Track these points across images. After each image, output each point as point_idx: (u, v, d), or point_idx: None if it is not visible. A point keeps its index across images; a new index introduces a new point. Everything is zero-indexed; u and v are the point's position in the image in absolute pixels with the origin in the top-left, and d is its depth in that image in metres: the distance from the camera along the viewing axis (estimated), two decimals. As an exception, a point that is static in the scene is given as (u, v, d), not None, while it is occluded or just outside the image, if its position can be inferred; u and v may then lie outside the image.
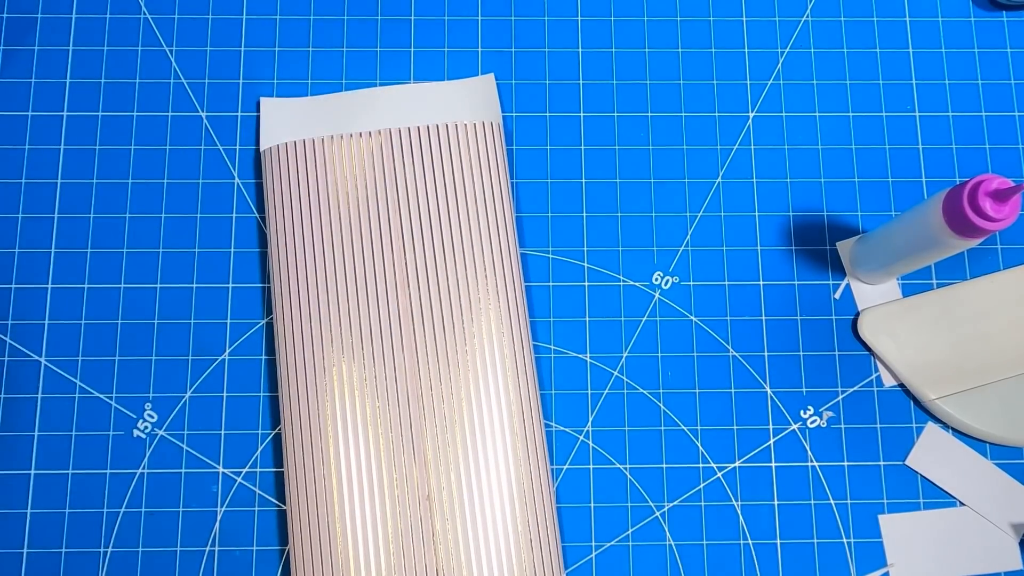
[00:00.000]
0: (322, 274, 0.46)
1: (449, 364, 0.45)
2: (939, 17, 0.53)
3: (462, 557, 0.43)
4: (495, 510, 0.43)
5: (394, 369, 0.45)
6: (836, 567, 0.45)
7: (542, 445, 0.45)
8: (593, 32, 0.52)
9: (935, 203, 0.39)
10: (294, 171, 0.47)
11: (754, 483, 0.46)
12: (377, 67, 0.51)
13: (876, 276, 0.47)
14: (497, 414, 0.44)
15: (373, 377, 0.45)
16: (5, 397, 0.46)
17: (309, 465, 0.44)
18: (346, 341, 0.45)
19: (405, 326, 0.45)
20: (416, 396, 0.44)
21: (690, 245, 0.49)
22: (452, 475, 0.44)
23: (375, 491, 0.43)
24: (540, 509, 0.44)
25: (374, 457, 0.44)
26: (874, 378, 0.48)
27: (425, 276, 0.46)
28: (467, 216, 0.46)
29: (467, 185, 0.47)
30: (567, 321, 0.48)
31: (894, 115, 0.51)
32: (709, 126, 0.51)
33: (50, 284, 0.48)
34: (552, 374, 0.47)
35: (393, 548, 0.43)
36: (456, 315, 0.45)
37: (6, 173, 0.49)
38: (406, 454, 0.44)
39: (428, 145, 0.48)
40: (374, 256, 0.46)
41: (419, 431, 0.44)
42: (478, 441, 0.44)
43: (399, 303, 0.45)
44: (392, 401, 0.44)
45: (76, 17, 0.51)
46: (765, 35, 0.52)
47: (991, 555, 0.46)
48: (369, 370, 0.45)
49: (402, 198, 0.47)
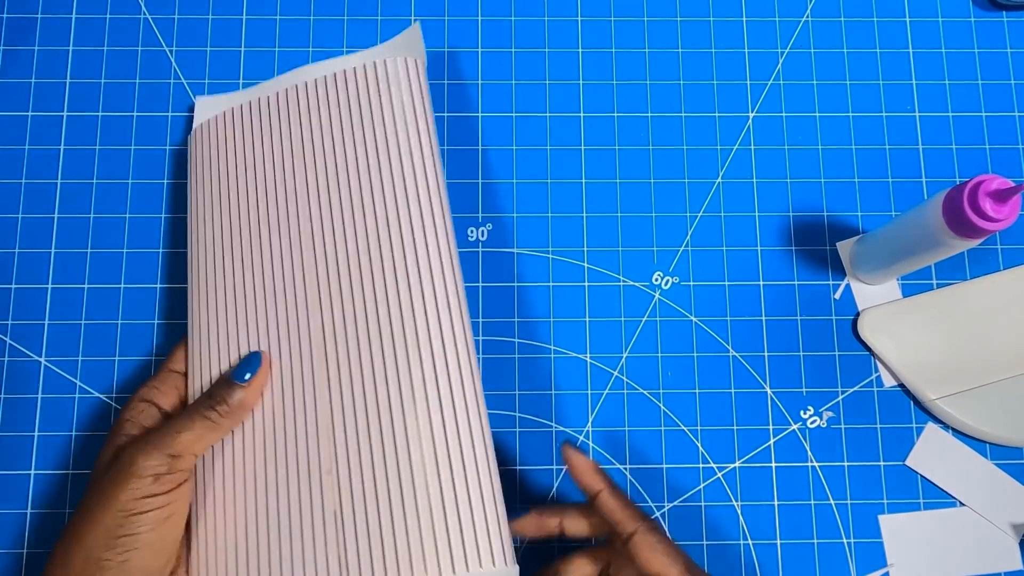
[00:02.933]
0: (237, 236, 0.43)
1: (368, 319, 0.40)
2: (939, 17, 0.53)
3: (371, 543, 0.36)
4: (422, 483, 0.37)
5: (309, 337, 0.40)
6: (836, 567, 0.45)
7: (483, 413, 0.38)
8: (593, 32, 0.52)
9: (935, 203, 0.39)
10: (215, 144, 0.46)
11: (754, 483, 0.46)
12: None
13: (876, 276, 0.47)
14: (430, 376, 0.38)
15: (288, 346, 0.41)
16: (5, 397, 0.46)
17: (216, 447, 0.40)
18: (259, 311, 0.41)
19: (321, 281, 0.41)
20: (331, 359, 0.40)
21: (690, 245, 0.49)
22: (361, 450, 0.38)
23: (275, 461, 0.39)
24: (482, 485, 0.37)
25: (279, 428, 0.39)
26: (874, 378, 0.48)
27: (342, 227, 0.41)
28: (388, 158, 0.42)
29: (387, 125, 0.43)
30: (567, 321, 0.48)
31: (894, 115, 0.51)
32: (709, 126, 0.51)
33: (50, 284, 0.48)
34: (552, 374, 0.47)
35: (290, 531, 0.38)
36: (379, 265, 0.40)
37: (6, 173, 0.49)
38: (315, 426, 0.39)
39: (345, 92, 0.44)
40: (288, 211, 0.43)
41: (334, 399, 0.39)
42: (405, 408, 0.38)
43: (312, 253, 0.42)
44: (305, 363, 0.40)
45: (76, 17, 0.51)
46: (765, 35, 0.52)
47: (991, 555, 0.46)
48: (284, 340, 0.41)
49: (318, 150, 0.43)
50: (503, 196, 0.50)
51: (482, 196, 0.50)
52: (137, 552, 0.35)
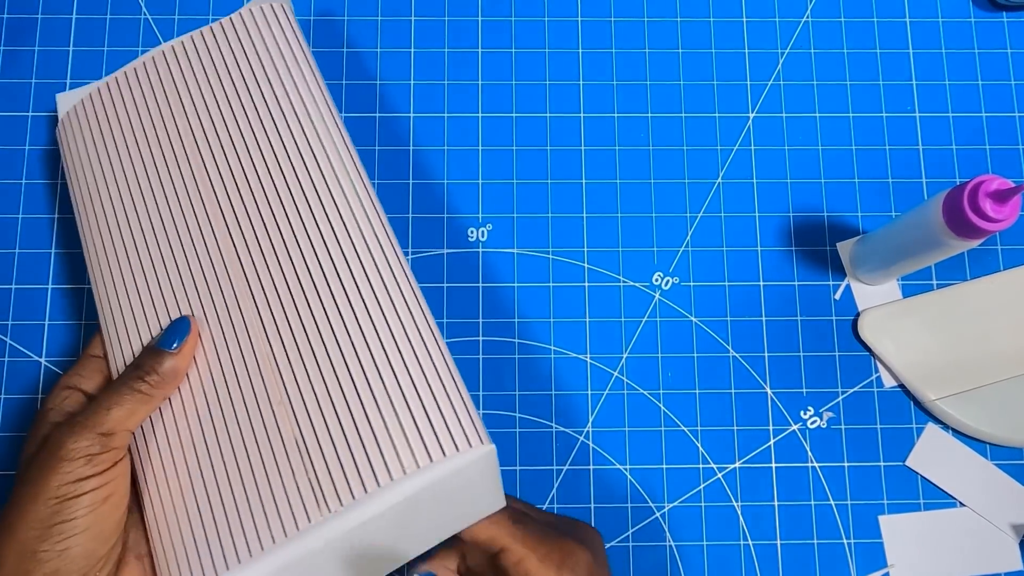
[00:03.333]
0: (131, 210, 0.41)
1: (291, 257, 0.38)
2: (939, 17, 0.53)
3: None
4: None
5: (230, 282, 0.39)
6: (836, 567, 0.45)
7: (420, 301, 0.37)
8: (593, 32, 0.52)
9: (935, 204, 0.39)
10: (87, 127, 0.44)
11: (754, 483, 0.46)
12: (378, 66, 0.51)
13: (876, 276, 0.47)
14: (360, 277, 0.37)
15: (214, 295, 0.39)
16: (5, 397, 0.46)
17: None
18: (170, 273, 0.40)
19: (231, 226, 0.39)
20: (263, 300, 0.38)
21: (690, 245, 0.49)
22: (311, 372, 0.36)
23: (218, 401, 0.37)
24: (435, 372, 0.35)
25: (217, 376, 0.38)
26: (874, 379, 0.48)
27: (240, 170, 0.40)
28: (271, 93, 0.41)
29: (265, 67, 0.42)
30: (567, 322, 0.48)
31: (894, 115, 0.51)
32: (709, 126, 0.51)
33: (50, 284, 0.48)
34: (552, 374, 0.47)
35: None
36: (285, 189, 0.39)
37: (6, 173, 0.49)
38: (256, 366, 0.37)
39: (216, 46, 0.43)
40: (180, 169, 0.41)
41: (270, 337, 0.37)
42: (343, 314, 0.36)
43: (214, 201, 0.40)
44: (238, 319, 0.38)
45: (76, 17, 0.51)
46: (765, 35, 0.52)
47: (991, 555, 0.46)
48: (205, 295, 0.39)
49: (198, 104, 0.42)
50: (503, 196, 0.50)
51: (482, 196, 0.50)
52: (76, 539, 0.33)
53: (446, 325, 0.48)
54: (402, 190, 0.50)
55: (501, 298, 0.48)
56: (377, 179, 0.50)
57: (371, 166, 0.50)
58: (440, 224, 0.49)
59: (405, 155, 0.50)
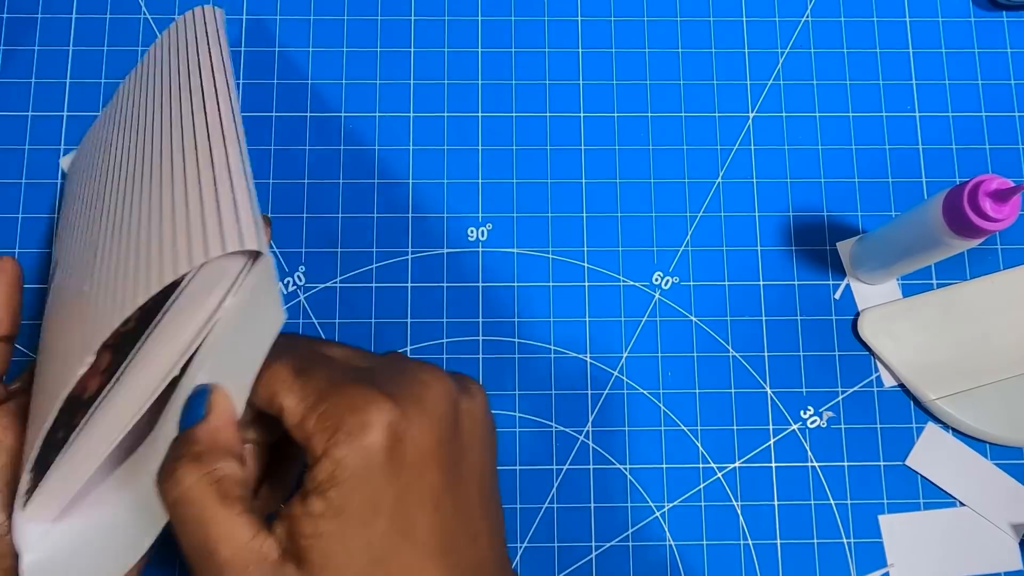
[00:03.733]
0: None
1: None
2: (939, 17, 0.53)
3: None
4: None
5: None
6: (836, 567, 0.45)
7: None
8: (593, 32, 0.52)
9: (935, 203, 0.39)
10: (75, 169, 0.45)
11: (754, 483, 0.46)
12: (377, 66, 0.51)
13: (876, 276, 0.47)
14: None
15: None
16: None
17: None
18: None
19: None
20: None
21: (690, 245, 0.49)
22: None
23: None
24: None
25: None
26: (874, 378, 0.48)
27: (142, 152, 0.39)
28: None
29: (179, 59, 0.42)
30: (567, 321, 0.48)
31: (894, 115, 0.51)
32: (709, 126, 0.51)
33: (50, 284, 0.48)
34: (552, 374, 0.47)
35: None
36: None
37: (6, 173, 0.49)
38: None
39: (155, 54, 0.45)
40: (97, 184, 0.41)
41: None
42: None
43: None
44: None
45: (76, 17, 0.51)
46: (765, 35, 0.52)
47: (991, 555, 0.46)
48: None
49: (140, 118, 0.41)
50: (503, 196, 0.50)
51: (482, 196, 0.50)
52: None
53: (446, 325, 0.48)
54: (402, 190, 0.50)
55: (501, 298, 0.48)
56: (377, 179, 0.50)
57: (371, 166, 0.50)
58: (440, 224, 0.49)
59: (405, 155, 0.50)
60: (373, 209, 0.49)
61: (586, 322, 0.48)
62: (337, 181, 0.50)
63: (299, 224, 0.49)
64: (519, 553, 0.45)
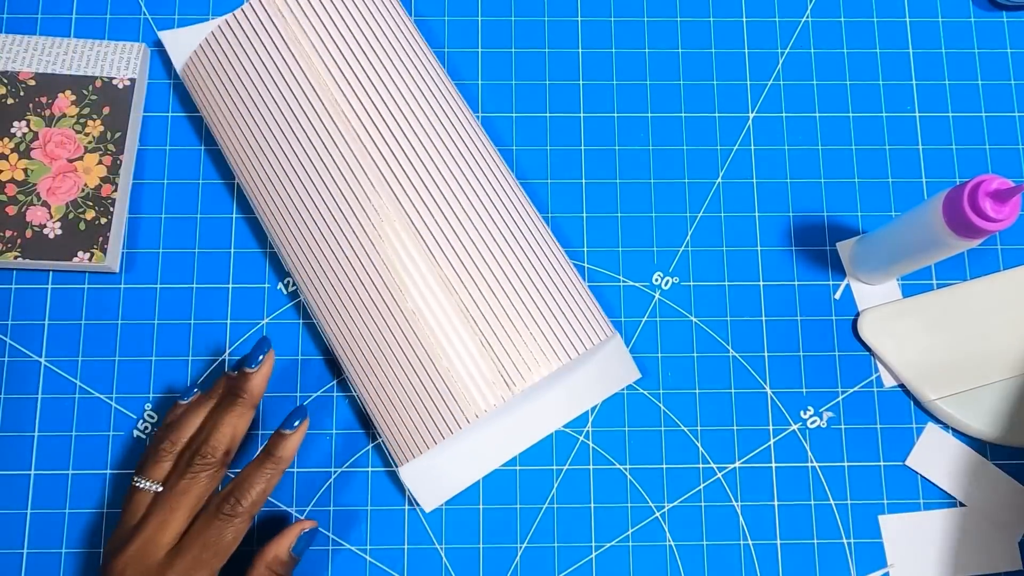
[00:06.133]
0: (288, 148, 0.45)
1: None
2: (939, 17, 0.53)
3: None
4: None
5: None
6: (836, 567, 0.45)
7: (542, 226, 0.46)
8: (593, 32, 0.52)
9: (935, 203, 0.39)
10: (216, 66, 0.46)
11: (754, 483, 0.46)
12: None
13: (876, 276, 0.47)
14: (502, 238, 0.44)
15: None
16: (5, 397, 0.46)
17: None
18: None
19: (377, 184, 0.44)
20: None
21: (690, 245, 0.49)
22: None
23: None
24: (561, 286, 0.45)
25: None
26: (874, 378, 0.48)
27: (371, 123, 0.44)
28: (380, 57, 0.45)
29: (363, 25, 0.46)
30: (567, 321, 0.48)
31: (894, 115, 0.51)
32: (709, 126, 0.51)
33: (50, 284, 0.48)
34: (552, 374, 0.47)
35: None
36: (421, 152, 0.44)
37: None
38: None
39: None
40: (321, 118, 0.44)
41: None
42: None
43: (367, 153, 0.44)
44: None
45: (76, 17, 0.51)
46: (765, 35, 0.52)
47: (991, 555, 0.46)
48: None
49: (322, 51, 0.45)
50: (503, 196, 0.50)
51: (482, 196, 0.50)
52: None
53: (446, 325, 0.48)
54: (402, 190, 0.49)
55: (501, 298, 0.48)
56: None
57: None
58: (440, 224, 0.49)
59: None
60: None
61: (586, 322, 0.48)
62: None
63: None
64: (519, 553, 0.45)
